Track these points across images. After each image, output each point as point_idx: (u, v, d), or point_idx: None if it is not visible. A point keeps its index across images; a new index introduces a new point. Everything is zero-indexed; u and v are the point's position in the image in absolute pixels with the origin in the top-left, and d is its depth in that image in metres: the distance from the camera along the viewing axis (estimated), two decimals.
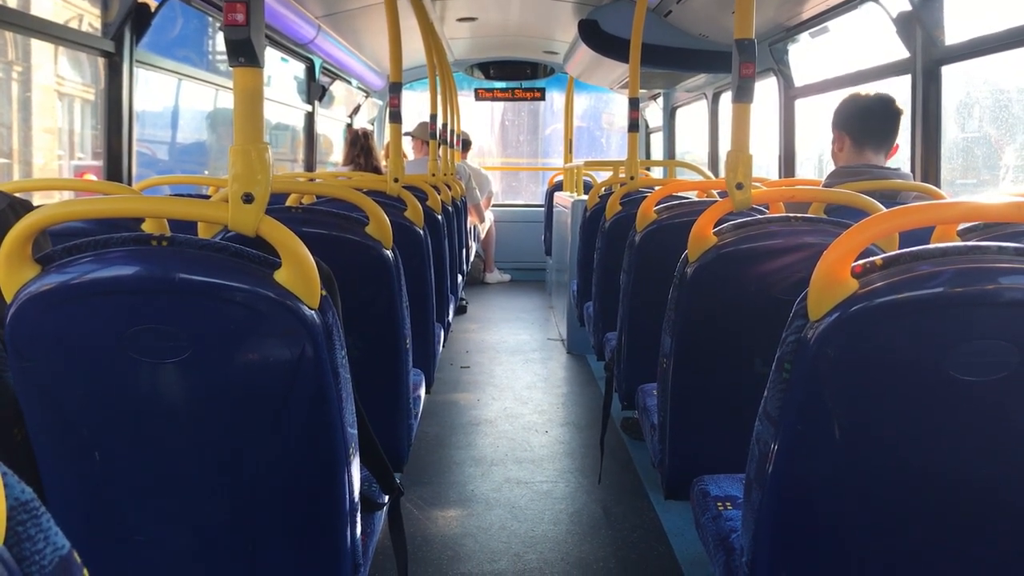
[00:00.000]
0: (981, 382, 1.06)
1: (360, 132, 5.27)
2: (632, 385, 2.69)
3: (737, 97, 1.96)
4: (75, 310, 1.25)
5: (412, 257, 2.63)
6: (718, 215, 1.85)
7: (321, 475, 1.36)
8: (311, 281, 1.26)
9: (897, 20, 3.09)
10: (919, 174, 3.05)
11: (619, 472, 3.29)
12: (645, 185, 3.78)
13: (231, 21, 1.27)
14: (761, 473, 1.20)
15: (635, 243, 2.59)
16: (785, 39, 4.27)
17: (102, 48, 3.07)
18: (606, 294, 3.39)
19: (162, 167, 5.64)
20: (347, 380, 1.36)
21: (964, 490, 1.13)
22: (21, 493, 0.51)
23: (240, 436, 1.32)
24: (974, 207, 1.25)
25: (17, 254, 1.25)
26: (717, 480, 1.76)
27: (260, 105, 1.35)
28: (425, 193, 3.53)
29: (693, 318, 1.87)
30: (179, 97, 5.60)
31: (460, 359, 5.22)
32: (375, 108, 8.50)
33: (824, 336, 1.09)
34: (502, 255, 8.73)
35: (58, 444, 1.33)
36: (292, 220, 1.90)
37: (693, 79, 6.04)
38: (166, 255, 1.26)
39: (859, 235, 1.13)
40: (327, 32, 5.44)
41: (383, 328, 2.11)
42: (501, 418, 3.99)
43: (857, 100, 2.69)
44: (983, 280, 1.06)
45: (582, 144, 9.77)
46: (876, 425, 1.13)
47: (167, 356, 1.24)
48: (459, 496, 3.04)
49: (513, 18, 6.46)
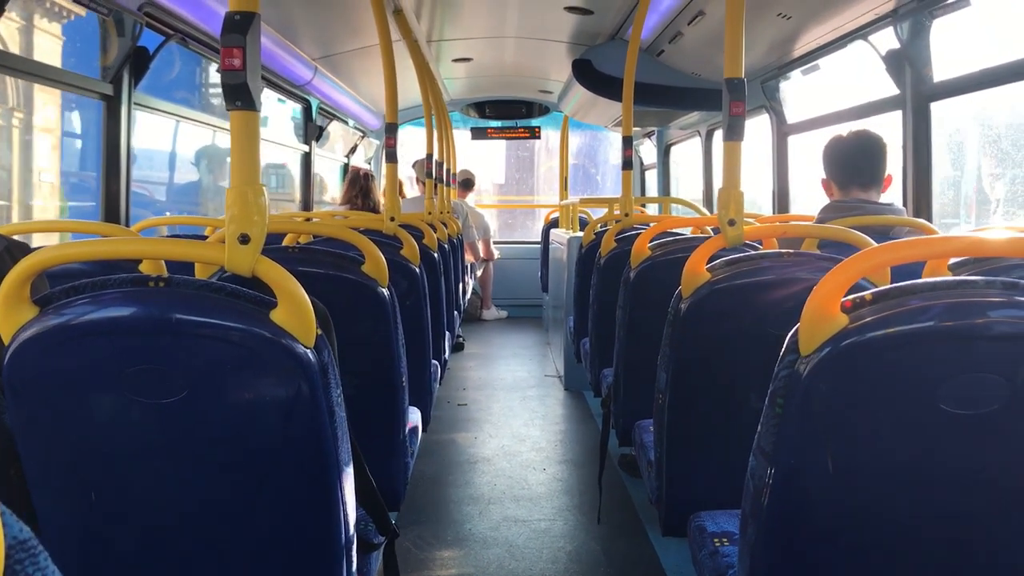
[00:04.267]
0: (972, 415, 1.07)
1: (361, 173, 5.30)
2: (629, 421, 2.68)
3: (728, 135, 1.99)
4: (73, 351, 1.25)
5: (408, 295, 2.65)
6: (711, 251, 1.86)
7: (316, 514, 1.35)
8: (307, 320, 1.27)
9: (886, 58, 3.13)
10: (911, 209, 3.07)
11: (617, 509, 3.27)
12: (640, 222, 3.81)
13: (228, 66, 1.29)
14: (756, 508, 1.20)
15: (630, 279, 2.60)
16: (777, 77, 4.32)
17: (101, 91, 3.11)
18: (602, 330, 3.40)
19: (158, 208, 5.67)
20: (343, 419, 1.36)
21: (957, 523, 1.13)
22: (19, 532, 0.51)
23: (236, 475, 1.32)
24: (964, 242, 1.26)
25: (15, 296, 1.27)
26: (714, 516, 1.76)
27: (257, 147, 1.37)
28: (421, 231, 3.55)
29: (688, 354, 1.88)
30: (173, 136, 5.64)
31: (457, 396, 5.21)
32: (372, 147, 8.56)
33: (816, 371, 1.10)
34: (498, 292, 8.74)
35: (54, 483, 1.33)
36: (288, 259, 1.91)
37: (687, 117, 6.10)
38: (163, 296, 1.27)
39: (849, 270, 1.14)
40: (324, 73, 5.50)
41: (379, 366, 2.11)
42: (499, 456, 3.97)
43: (836, 144, 2.68)
44: (973, 314, 1.07)
45: (577, 181, 9.84)
46: (869, 459, 1.13)
47: (164, 396, 1.24)
48: (456, 535, 3.02)
49: (508, 58, 6.53)
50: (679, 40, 4.23)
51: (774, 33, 3.61)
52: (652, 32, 4.37)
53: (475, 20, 5.34)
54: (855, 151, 2.64)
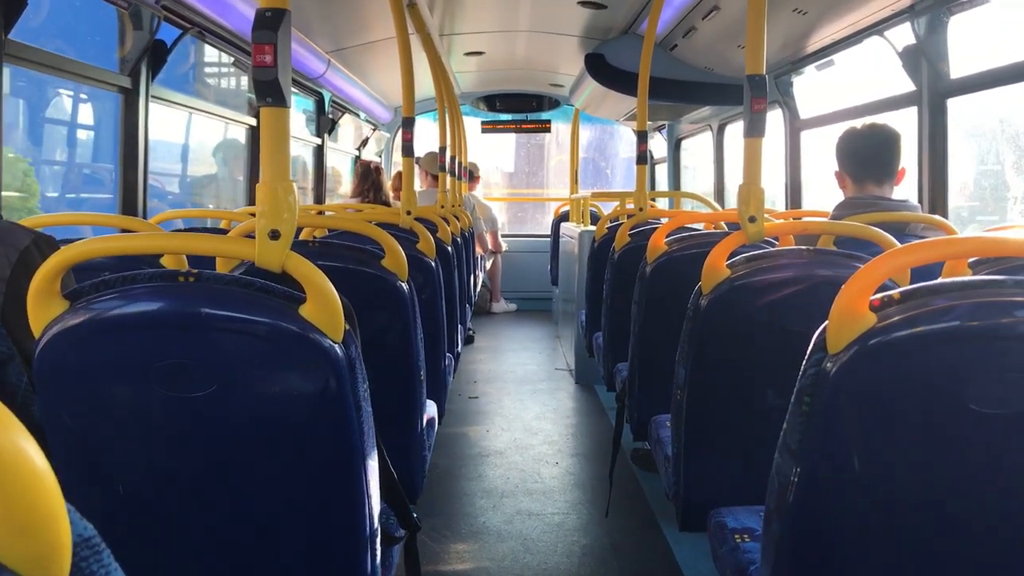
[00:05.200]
0: (1000, 415, 1.07)
1: (372, 166, 5.30)
2: (644, 416, 2.69)
3: (749, 132, 1.99)
4: (102, 345, 1.27)
5: (425, 288, 2.66)
6: (731, 248, 1.87)
7: (342, 507, 1.37)
8: (335, 315, 1.28)
9: (903, 54, 3.13)
10: (927, 205, 3.07)
11: (631, 504, 3.28)
12: (654, 216, 3.81)
13: (260, 63, 1.30)
14: (781, 505, 1.21)
15: (646, 274, 2.61)
16: (790, 72, 4.32)
17: (119, 84, 3.12)
18: (616, 324, 3.40)
19: (172, 200, 5.68)
20: (369, 413, 1.37)
21: (984, 522, 1.14)
22: (84, 530, 0.52)
23: (263, 468, 1.34)
24: (989, 242, 1.27)
25: (46, 290, 1.28)
26: (734, 512, 1.77)
27: (287, 143, 1.38)
28: (435, 225, 3.55)
29: (707, 350, 1.88)
30: (186, 129, 5.65)
31: (468, 389, 5.22)
32: (382, 140, 8.57)
33: (844, 369, 1.11)
34: (508, 285, 8.75)
35: (83, 477, 1.35)
36: (310, 254, 1.91)
37: (698, 111, 6.10)
38: (192, 291, 1.28)
39: (878, 269, 1.15)
40: (337, 67, 5.51)
41: (399, 360, 2.12)
42: (511, 449, 3.99)
43: (849, 137, 2.67)
44: (1000, 314, 1.07)
45: (587, 175, 9.83)
46: (896, 457, 1.14)
47: (192, 390, 1.26)
48: (471, 528, 3.04)
49: (520, 52, 6.53)
50: (693, 35, 4.23)
51: (789, 28, 3.60)
52: (666, 26, 4.36)
53: (488, 14, 5.34)
54: (870, 144, 2.63)
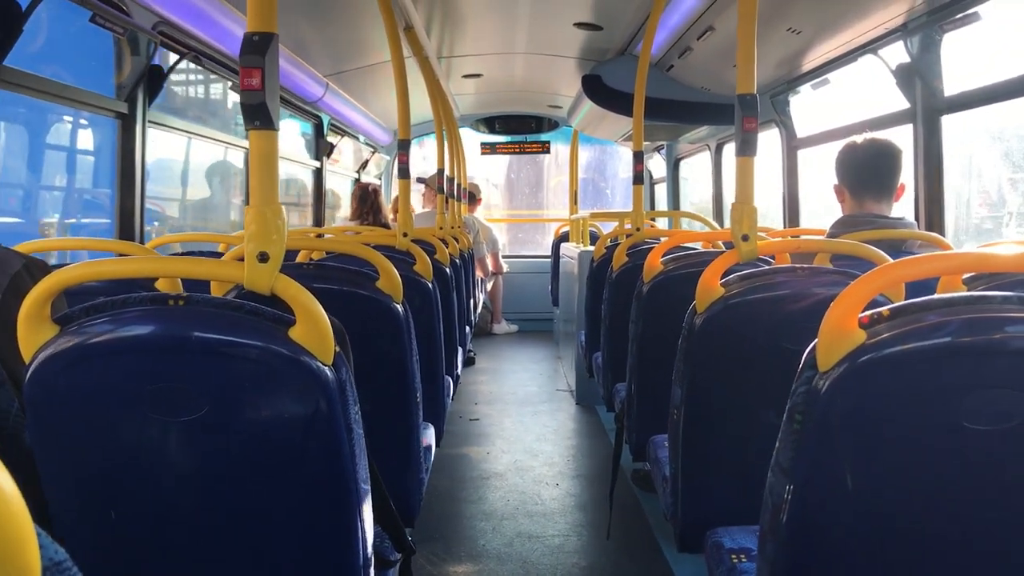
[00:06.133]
0: (991, 431, 1.06)
1: (370, 188, 5.31)
2: (643, 437, 2.68)
3: (741, 151, 1.99)
4: (93, 369, 1.26)
5: (422, 310, 2.65)
6: (725, 266, 1.87)
7: (334, 531, 1.36)
8: (325, 338, 1.28)
9: (896, 72, 3.14)
10: (923, 222, 3.07)
11: (631, 525, 3.26)
12: (651, 236, 3.81)
13: (247, 86, 1.31)
14: (775, 524, 1.20)
15: (643, 293, 2.60)
16: (787, 91, 4.33)
17: (116, 109, 3.13)
18: (615, 344, 3.40)
19: (172, 224, 5.70)
20: (360, 436, 1.37)
21: (976, 539, 1.13)
22: (55, 553, 0.52)
23: (254, 492, 1.33)
24: (980, 257, 1.26)
25: (36, 315, 1.28)
26: (731, 532, 1.75)
27: (275, 167, 1.39)
28: (433, 246, 3.56)
29: (703, 369, 1.88)
30: (183, 153, 5.67)
31: (469, 411, 5.20)
32: (382, 163, 8.60)
33: (834, 387, 1.10)
34: (509, 306, 8.74)
35: (73, 501, 1.34)
36: (304, 276, 1.92)
37: (696, 131, 6.12)
38: (183, 314, 1.28)
39: (866, 286, 1.15)
40: (335, 90, 5.54)
41: (394, 381, 2.12)
42: (511, 471, 3.97)
43: (849, 152, 2.66)
44: (990, 330, 1.07)
45: (587, 195, 9.85)
46: (888, 474, 1.13)
47: (183, 414, 1.25)
48: (470, 552, 3.02)
49: (518, 74, 6.56)
50: (688, 55, 4.25)
51: (784, 48, 3.62)
52: (661, 47, 4.39)
53: (485, 37, 5.37)
54: (869, 159, 2.62)
